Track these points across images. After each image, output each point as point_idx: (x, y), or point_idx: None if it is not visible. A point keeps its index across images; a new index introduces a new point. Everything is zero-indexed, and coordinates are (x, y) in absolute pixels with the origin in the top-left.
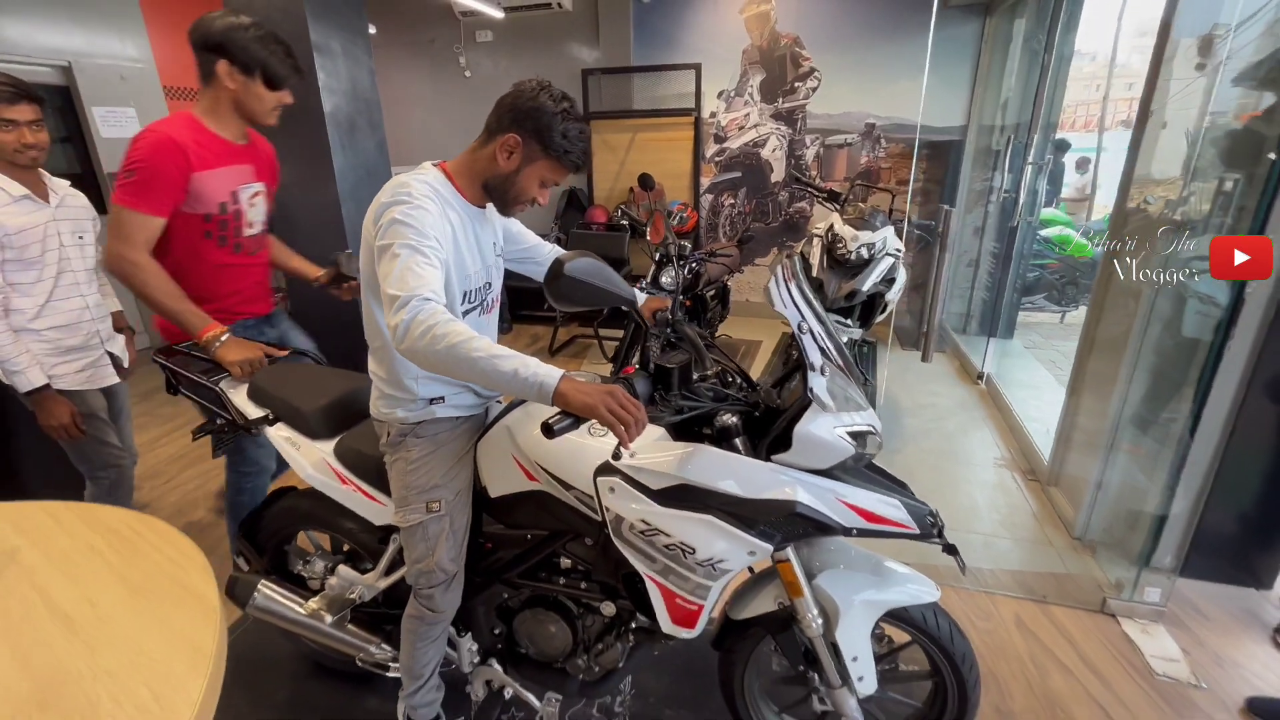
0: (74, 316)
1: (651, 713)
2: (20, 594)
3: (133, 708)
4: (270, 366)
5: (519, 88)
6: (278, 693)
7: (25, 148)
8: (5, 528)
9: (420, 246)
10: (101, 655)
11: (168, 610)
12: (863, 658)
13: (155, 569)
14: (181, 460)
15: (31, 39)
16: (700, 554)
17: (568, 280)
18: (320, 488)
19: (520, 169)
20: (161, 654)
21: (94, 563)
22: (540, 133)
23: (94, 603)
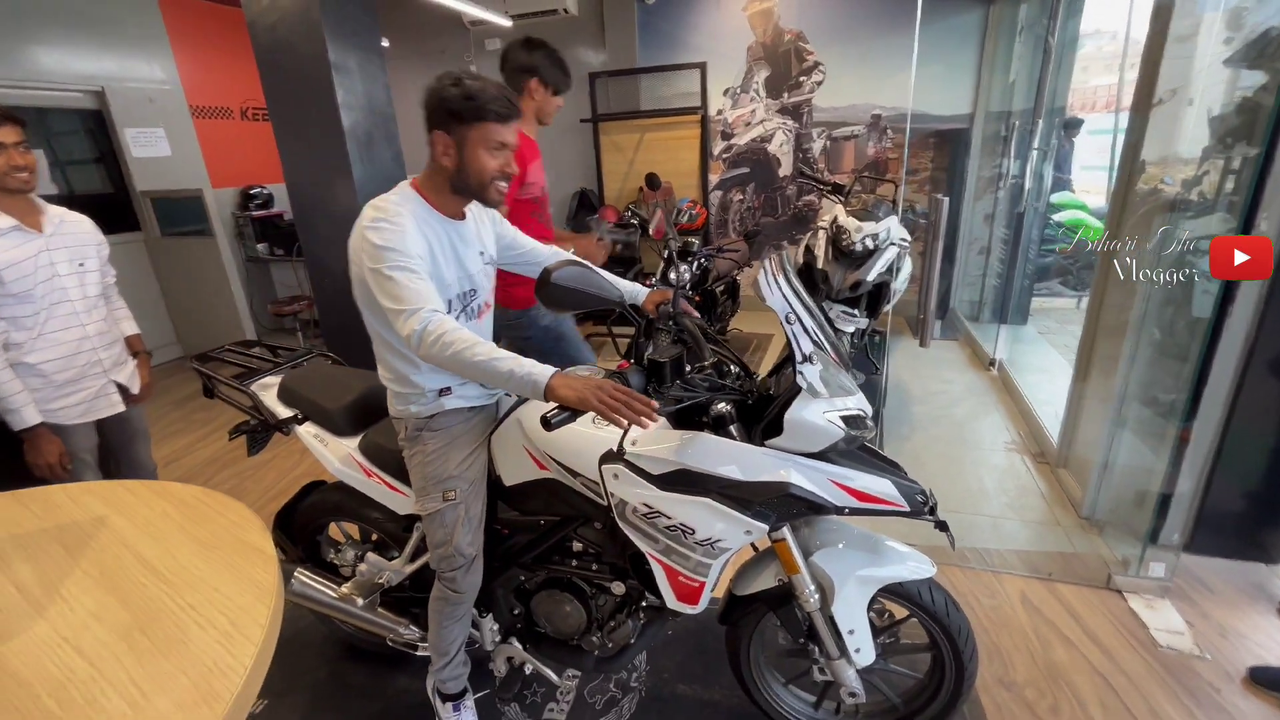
0: (70, 349)
1: (666, 688)
2: (113, 551)
3: (215, 630)
4: (297, 369)
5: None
6: (316, 671)
7: (14, 170)
8: (93, 501)
9: (408, 265)
10: (185, 594)
11: (234, 559)
12: (859, 631)
13: (221, 529)
14: (217, 463)
15: (66, 67)
16: (699, 534)
17: (555, 288)
18: (348, 481)
19: (462, 154)
20: (233, 591)
21: (169, 526)
22: (450, 112)
23: (174, 555)
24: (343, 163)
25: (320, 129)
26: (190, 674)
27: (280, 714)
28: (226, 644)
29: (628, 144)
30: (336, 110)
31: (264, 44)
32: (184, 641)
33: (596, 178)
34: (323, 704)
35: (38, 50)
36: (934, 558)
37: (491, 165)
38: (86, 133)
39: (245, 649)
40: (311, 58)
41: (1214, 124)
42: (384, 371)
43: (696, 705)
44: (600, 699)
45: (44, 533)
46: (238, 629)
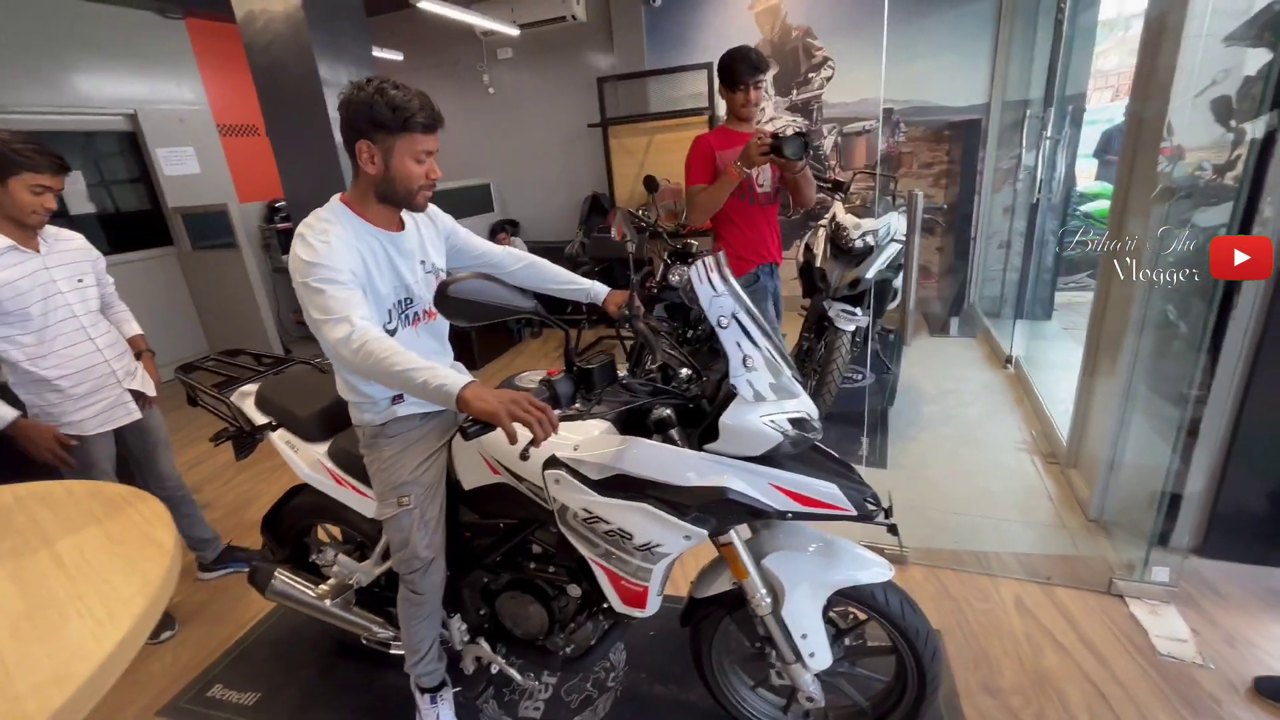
0: (84, 363)
1: (643, 688)
2: (32, 544)
3: (92, 619)
4: (275, 377)
5: (340, 104)
6: (307, 668)
7: (44, 211)
8: (31, 500)
9: (335, 277)
10: (79, 585)
11: (133, 553)
12: (813, 635)
13: (132, 525)
14: (235, 466)
15: (102, 92)
16: (637, 539)
17: (452, 301)
18: (317, 486)
19: (388, 163)
20: (120, 583)
21: (88, 522)
22: (374, 122)
23: (82, 550)
24: (337, 176)
25: (314, 144)
26: (56, 658)
27: (272, 708)
28: (97, 631)
29: (637, 146)
30: (329, 126)
31: (260, 64)
32: (62, 628)
33: (608, 181)
34: (313, 698)
35: (76, 77)
36: (930, 562)
37: (416, 173)
38: (121, 154)
39: (111, 636)
40: (304, 76)
41: (1216, 106)
42: (339, 382)
43: (672, 705)
44: (576, 697)
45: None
46: (111, 618)
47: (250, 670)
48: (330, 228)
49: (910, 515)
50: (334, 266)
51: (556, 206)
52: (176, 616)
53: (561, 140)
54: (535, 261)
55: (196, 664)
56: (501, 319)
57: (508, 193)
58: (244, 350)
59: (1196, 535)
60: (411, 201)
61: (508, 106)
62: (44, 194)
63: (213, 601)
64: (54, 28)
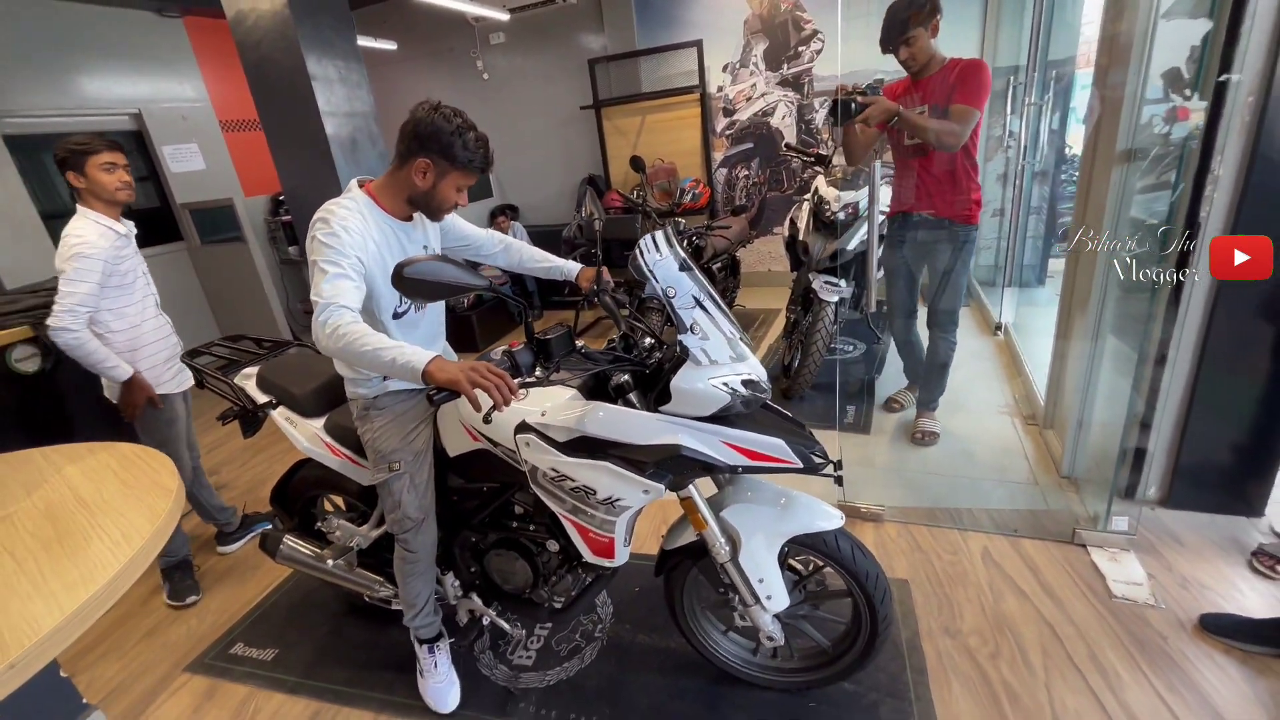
0: (162, 331)
1: (628, 636)
2: (59, 490)
3: (109, 540)
4: (274, 359)
5: (415, 115)
6: (320, 627)
7: (125, 185)
8: (58, 458)
9: (338, 261)
10: (99, 517)
11: (144, 494)
12: (769, 579)
13: (143, 474)
14: (252, 448)
15: (108, 92)
16: (600, 494)
17: (408, 281)
18: (316, 458)
19: (436, 184)
20: (134, 515)
21: (106, 473)
22: (445, 151)
23: (101, 492)
24: (328, 167)
25: (306, 137)
26: (81, 568)
27: (289, 661)
28: (112, 549)
29: (630, 127)
30: (320, 118)
31: (251, 60)
32: (85, 548)
33: (603, 163)
34: (325, 654)
35: (82, 79)
36: (905, 519)
37: (453, 200)
38: (128, 153)
39: (125, 551)
40: (292, 70)
41: (1168, 77)
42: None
43: (653, 652)
44: (565, 647)
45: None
46: (125, 539)
47: (268, 629)
48: (350, 216)
49: (889, 476)
50: (342, 252)
51: (554, 190)
52: (201, 585)
53: (556, 123)
54: (513, 244)
55: (219, 627)
56: (452, 296)
57: (505, 177)
58: (245, 335)
59: (1162, 488)
60: (436, 216)
61: (502, 91)
62: (115, 170)
63: (232, 571)
64: (58, 32)
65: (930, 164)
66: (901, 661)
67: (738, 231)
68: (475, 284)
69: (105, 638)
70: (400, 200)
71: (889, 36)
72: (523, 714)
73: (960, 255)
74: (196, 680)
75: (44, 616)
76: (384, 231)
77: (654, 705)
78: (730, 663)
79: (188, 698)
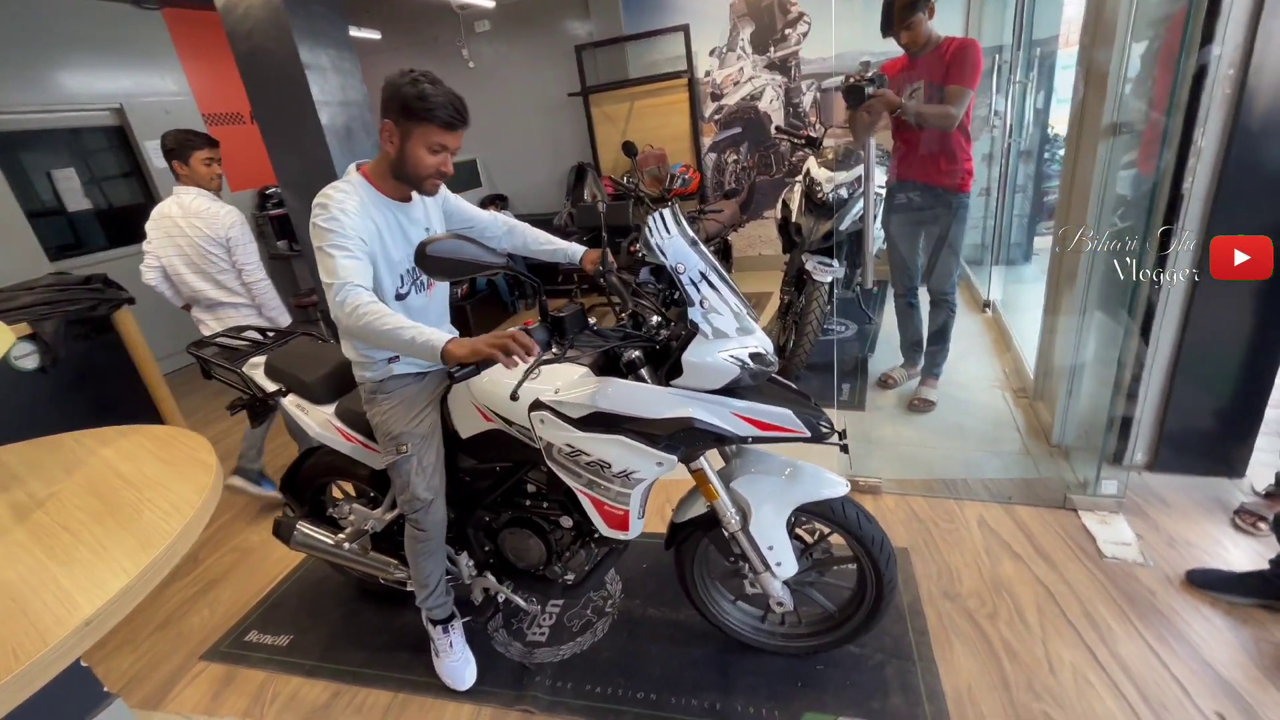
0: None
1: (637, 611)
2: (99, 469)
3: (159, 511)
4: (281, 348)
5: (382, 86)
6: (334, 611)
7: (217, 176)
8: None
9: (344, 244)
10: (144, 491)
11: (186, 470)
12: (778, 546)
13: (180, 452)
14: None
15: (88, 88)
16: (615, 467)
17: (430, 259)
18: (328, 444)
19: (403, 146)
20: (179, 488)
21: (143, 453)
22: (400, 105)
23: (142, 470)
24: (324, 157)
25: (301, 127)
26: (137, 536)
27: (303, 646)
28: (165, 519)
29: (618, 114)
30: (314, 108)
31: (242, 51)
32: (138, 519)
33: (592, 150)
34: (341, 638)
35: (60, 74)
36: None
37: (429, 162)
38: (110, 149)
39: (177, 521)
40: (285, 60)
41: (1146, 56)
42: (343, 343)
43: (663, 624)
44: (577, 623)
45: (49, 461)
46: (175, 510)
47: (282, 616)
48: (347, 199)
49: (885, 450)
50: (346, 234)
51: (543, 178)
52: (208, 579)
53: (544, 111)
54: (517, 226)
55: (232, 616)
56: (476, 274)
57: (494, 167)
58: (250, 326)
59: (1149, 453)
60: (420, 187)
61: (488, 80)
62: (212, 163)
63: (241, 563)
64: (34, 26)
65: (927, 138)
66: (904, 624)
67: (729, 215)
68: (495, 262)
69: (118, 631)
70: (388, 178)
71: (891, 21)
72: (539, 687)
73: (955, 220)
74: (214, 668)
75: (111, 580)
76: (383, 213)
77: (666, 674)
78: (740, 630)
79: (206, 684)
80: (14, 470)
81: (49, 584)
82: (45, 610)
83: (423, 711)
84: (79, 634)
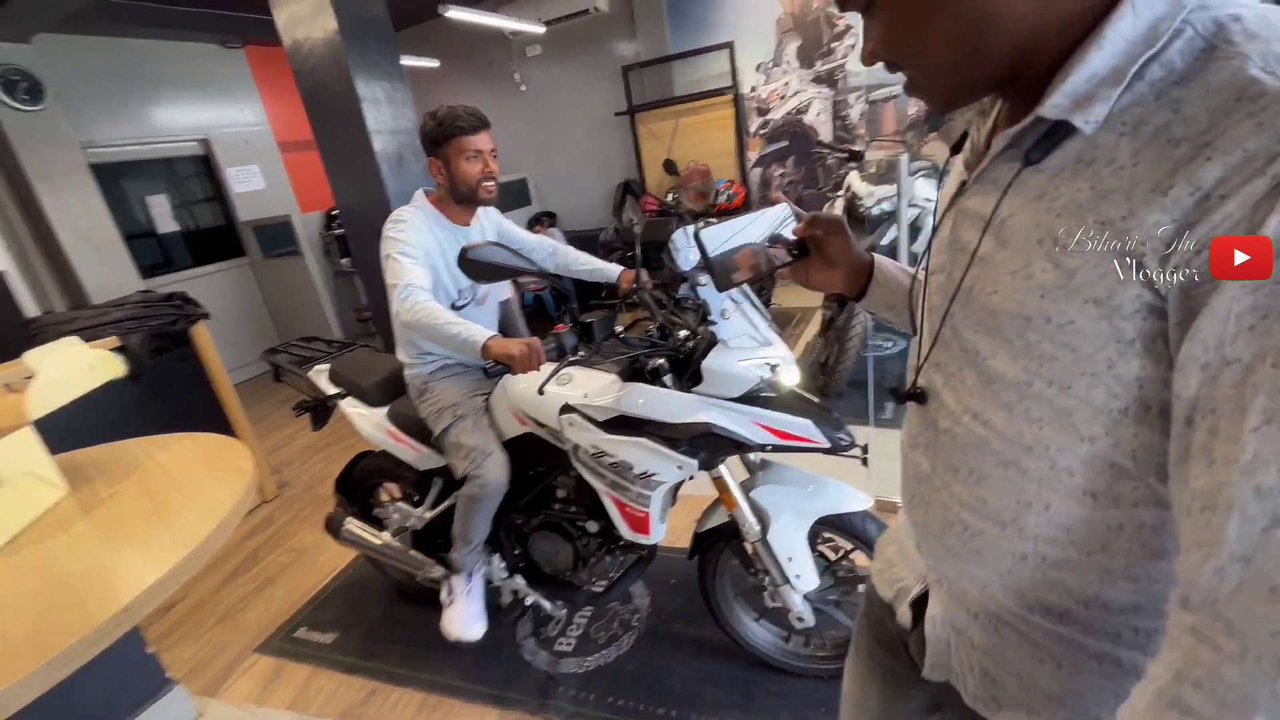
0: None
1: (663, 626)
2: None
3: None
4: (343, 356)
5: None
6: (374, 610)
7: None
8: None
9: (408, 251)
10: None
11: (224, 474)
12: (798, 558)
13: (223, 459)
14: (311, 449)
15: (177, 122)
16: (636, 469)
17: (470, 261)
18: (379, 444)
19: (449, 169)
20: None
21: (190, 460)
22: (430, 140)
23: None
24: (377, 181)
25: (356, 154)
26: (175, 534)
27: (350, 644)
28: (201, 519)
29: (664, 131)
30: (368, 136)
31: (306, 86)
32: (179, 518)
33: (638, 167)
34: (379, 636)
35: (154, 110)
36: None
37: (472, 171)
38: (197, 176)
39: (210, 521)
40: (343, 93)
41: None
42: (398, 348)
43: (689, 640)
44: (604, 635)
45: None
46: (210, 512)
47: (328, 615)
48: (413, 217)
49: None
50: (409, 243)
51: (590, 195)
52: (266, 575)
53: (591, 131)
54: (560, 248)
55: (285, 612)
56: (509, 278)
57: (544, 185)
58: (318, 337)
59: None
60: (476, 196)
61: (539, 102)
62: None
63: (295, 562)
64: (133, 68)
65: None
66: None
67: None
68: (526, 268)
69: (183, 621)
70: (450, 202)
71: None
72: (562, 697)
73: None
74: (265, 660)
75: (148, 574)
76: (445, 233)
77: (689, 690)
78: (763, 649)
79: (257, 676)
80: (86, 471)
81: (99, 573)
82: (92, 596)
83: (451, 714)
84: (116, 620)
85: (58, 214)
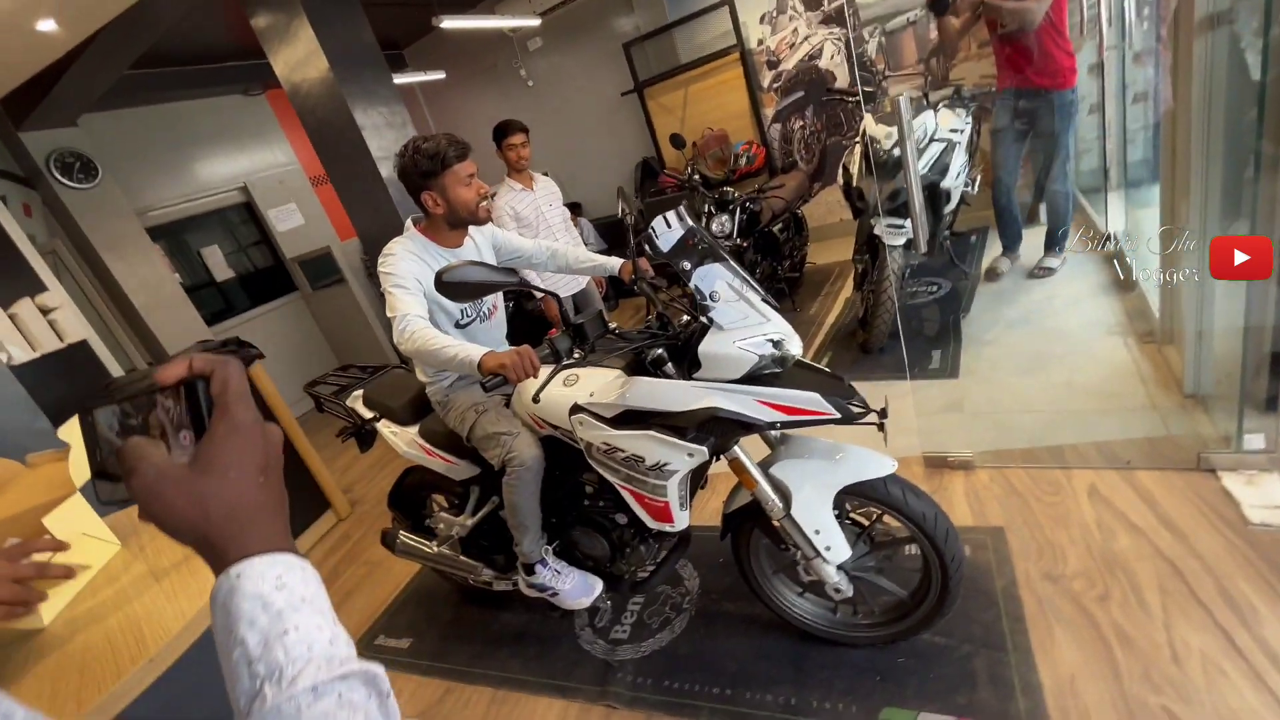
0: None
1: (713, 606)
2: None
3: None
4: (375, 381)
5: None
6: (444, 614)
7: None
8: None
9: (400, 283)
10: None
11: None
12: (825, 530)
13: None
14: (376, 465)
15: (217, 173)
16: (648, 461)
17: (445, 285)
18: (414, 459)
19: (446, 198)
20: None
21: None
22: (421, 174)
23: None
24: (389, 205)
25: (366, 182)
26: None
27: (423, 647)
28: None
29: (674, 102)
30: (374, 163)
31: (311, 125)
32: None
33: (653, 144)
34: (449, 638)
35: (196, 166)
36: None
37: (470, 195)
38: (243, 222)
39: None
40: (344, 125)
41: None
42: (419, 366)
43: (739, 620)
44: (657, 620)
45: None
46: None
47: (403, 621)
48: (401, 249)
49: (979, 421)
50: (400, 274)
51: (611, 180)
52: (345, 589)
53: (603, 115)
54: (559, 250)
55: (364, 622)
56: (488, 293)
57: (564, 176)
58: (352, 364)
59: None
60: (475, 218)
61: (548, 95)
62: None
63: (371, 575)
64: (170, 130)
65: (1020, 39)
66: (996, 610)
67: (794, 189)
68: (503, 280)
69: None
70: (443, 230)
71: None
72: (620, 683)
73: (1061, 119)
74: None
75: (173, 622)
76: (437, 259)
77: (741, 668)
78: (809, 622)
79: None
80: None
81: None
82: (124, 648)
83: (519, 707)
84: (143, 669)
85: (126, 278)
